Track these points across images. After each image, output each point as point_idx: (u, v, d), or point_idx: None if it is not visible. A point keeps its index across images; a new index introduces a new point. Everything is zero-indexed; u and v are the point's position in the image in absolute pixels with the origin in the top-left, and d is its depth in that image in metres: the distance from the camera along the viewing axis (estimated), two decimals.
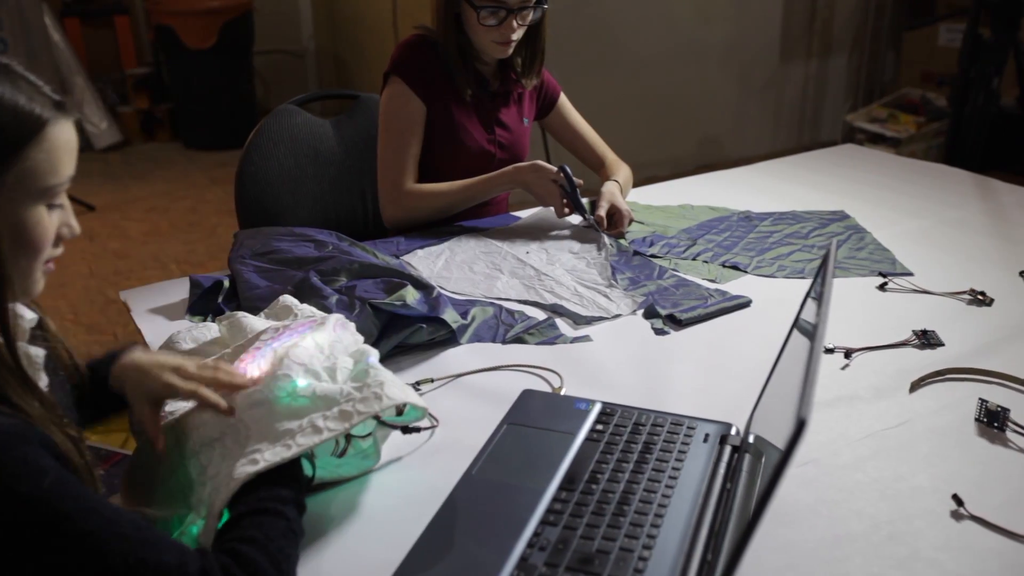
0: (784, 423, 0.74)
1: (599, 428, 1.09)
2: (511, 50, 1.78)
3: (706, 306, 1.45)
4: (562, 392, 1.22)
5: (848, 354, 1.31)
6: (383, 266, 1.45)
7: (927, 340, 1.34)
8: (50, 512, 0.73)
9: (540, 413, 1.13)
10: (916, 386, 1.22)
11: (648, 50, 4.36)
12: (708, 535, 0.90)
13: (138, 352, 1.01)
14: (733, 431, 1.08)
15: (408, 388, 1.00)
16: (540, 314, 1.45)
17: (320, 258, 1.45)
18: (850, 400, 1.20)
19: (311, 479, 0.95)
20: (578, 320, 1.43)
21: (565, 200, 1.78)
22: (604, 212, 1.76)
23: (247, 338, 1.08)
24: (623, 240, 1.75)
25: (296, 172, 1.93)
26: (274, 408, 0.93)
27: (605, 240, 1.71)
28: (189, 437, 0.97)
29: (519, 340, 1.37)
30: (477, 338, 1.38)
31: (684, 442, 1.05)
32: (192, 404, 0.97)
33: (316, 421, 0.92)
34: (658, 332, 1.39)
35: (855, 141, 4.34)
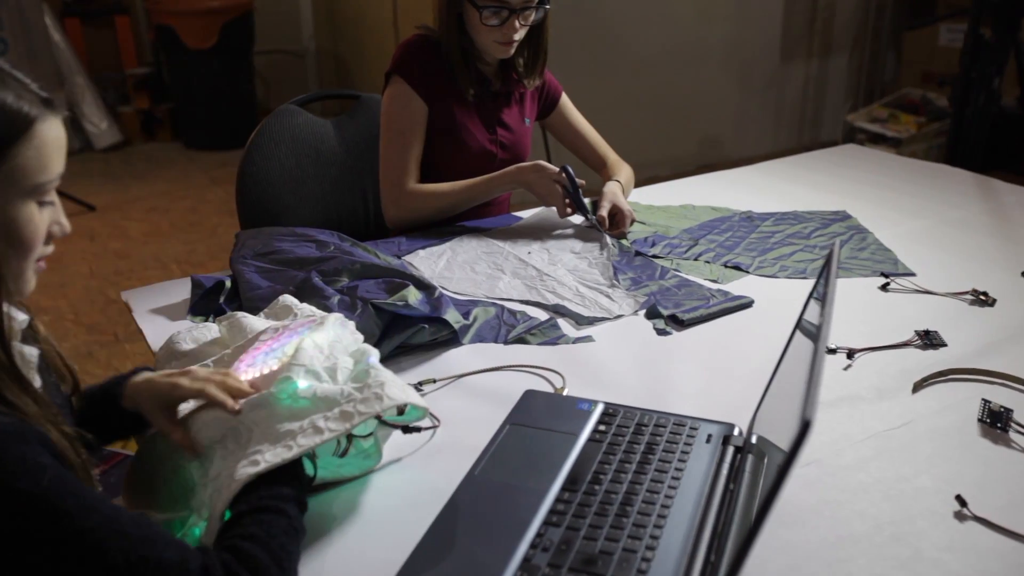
0: (788, 424, 0.74)
1: (602, 428, 1.08)
2: (513, 50, 1.78)
3: (708, 306, 1.45)
4: (564, 392, 1.22)
5: (851, 354, 1.31)
6: (385, 266, 1.44)
7: (929, 340, 1.34)
8: (50, 510, 0.73)
9: (542, 413, 1.13)
10: (919, 387, 1.22)
11: (649, 50, 4.36)
12: (711, 536, 0.90)
13: (148, 372, 1.04)
14: (736, 432, 1.08)
15: (409, 388, 0.99)
16: (542, 314, 1.45)
17: (322, 258, 1.45)
18: (853, 400, 1.20)
19: (312, 479, 0.95)
20: (580, 320, 1.43)
21: (567, 200, 1.78)
22: (606, 212, 1.76)
23: (247, 338, 1.08)
24: (625, 240, 1.75)
25: (297, 172, 1.93)
26: (275, 410, 0.93)
27: (607, 240, 1.71)
28: (190, 439, 0.97)
29: (521, 340, 1.37)
30: (479, 338, 1.38)
31: (687, 443, 1.05)
32: (193, 406, 0.97)
33: (317, 422, 0.92)
34: (660, 332, 1.39)
35: (856, 141, 4.34)
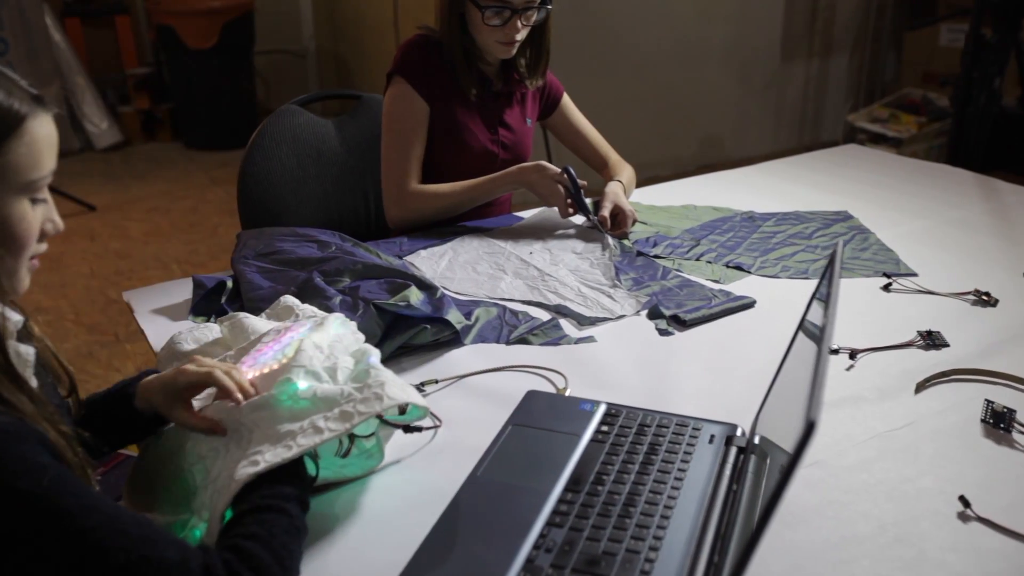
0: (791, 424, 0.73)
1: (604, 429, 1.08)
2: (515, 50, 1.78)
3: (710, 307, 1.45)
4: (566, 393, 1.22)
5: (853, 355, 1.30)
6: (386, 267, 1.44)
7: (932, 341, 1.34)
8: (51, 509, 0.73)
9: (545, 414, 1.13)
10: (921, 387, 1.22)
11: (649, 50, 4.36)
12: (715, 536, 0.90)
13: (155, 374, 1.04)
14: (739, 432, 1.08)
15: (409, 387, 0.99)
16: (544, 315, 1.45)
17: (323, 259, 1.45)
18: (855, 401, 1.19)
19: (314, 478, 0.95)
20: (582, 321, 1.43)
21: (569, 200, 1.77)
22: (608, 212, 1.76)
23: (249, 340, 1.08)
24: (627, 241, 1.75)
25: (299, 172, 1.93)
26: (275, 411, 0.93)
27: (609, 240, 1.71)
28: (192, 441, 0.97)
29: (523, 341, 1.37)
30: (481, 339, 1.37)
31: (689, 443, 1.05)
32: (206, 400, 0.97)
33: (317, 422, 0.92)
34: (662, 333, 1.39)
35: (856, 141, 4.34)
